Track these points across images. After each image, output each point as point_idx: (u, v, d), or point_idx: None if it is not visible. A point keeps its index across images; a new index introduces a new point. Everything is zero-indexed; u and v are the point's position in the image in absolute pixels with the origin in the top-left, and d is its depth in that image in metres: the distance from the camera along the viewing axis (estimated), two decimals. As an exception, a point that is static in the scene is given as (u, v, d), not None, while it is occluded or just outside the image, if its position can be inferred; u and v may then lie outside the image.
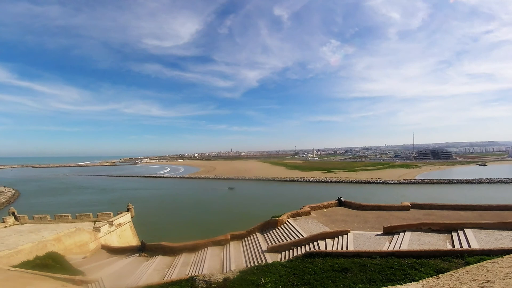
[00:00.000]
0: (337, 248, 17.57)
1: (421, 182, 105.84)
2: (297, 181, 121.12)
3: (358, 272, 12.82)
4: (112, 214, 36.01)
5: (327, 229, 21.85)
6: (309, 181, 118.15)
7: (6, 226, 32.70)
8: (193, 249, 25.51)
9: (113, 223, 33.76)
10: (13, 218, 34.15)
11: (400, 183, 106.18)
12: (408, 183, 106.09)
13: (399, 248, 16.20)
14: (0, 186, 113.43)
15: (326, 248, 17.70)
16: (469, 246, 15.07)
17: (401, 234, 18.63)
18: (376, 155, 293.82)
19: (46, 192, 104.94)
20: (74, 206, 64.14)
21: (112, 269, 22.97)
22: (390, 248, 16.54)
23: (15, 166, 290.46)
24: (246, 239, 25.38)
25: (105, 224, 32.23)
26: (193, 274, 18.08)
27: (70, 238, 27.95)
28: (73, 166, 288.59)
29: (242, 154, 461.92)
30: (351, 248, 17.16)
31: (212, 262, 21.58)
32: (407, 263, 13.10)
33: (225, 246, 24.87)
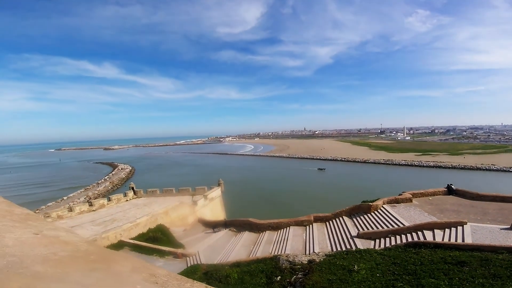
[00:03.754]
0: (449, 240, 15.07)
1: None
2: (383, 163, 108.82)
3: (478, 267, 10.92)
4: (206, 188, 38.33)
5: (434, 219, 19.14)
6: (399, 164, 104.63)
7: (127, 200, 36.82)
8: (276, 227, 26.01)
9: (207, 197, 36.14)
10: (132, 192, 38.82)
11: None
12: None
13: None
14: (120, 164, 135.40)
15: (434, 239, 15.39)
16: None
17: (538, 230, 14.67)
18: (489, 136, 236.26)
19: (154, 168, 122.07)
20: (175, 181, 72.11)
21: (206, 243, 24.83)
22: (523, 244, 13.24)
23: (131, 146, 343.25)
24: (331, 222, 24.55)
25: (201, 198, 34.62)
26: (276, 253, 18.40)
27: (175, 211, 30.91)
28: (172, 145, 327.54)
29: (316, 132, 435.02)
30: (468, 241, 14.50)
31: (294, 242, 21.64)
32: (547, 260, 10.37)
33: (307, 227, 24.63)
